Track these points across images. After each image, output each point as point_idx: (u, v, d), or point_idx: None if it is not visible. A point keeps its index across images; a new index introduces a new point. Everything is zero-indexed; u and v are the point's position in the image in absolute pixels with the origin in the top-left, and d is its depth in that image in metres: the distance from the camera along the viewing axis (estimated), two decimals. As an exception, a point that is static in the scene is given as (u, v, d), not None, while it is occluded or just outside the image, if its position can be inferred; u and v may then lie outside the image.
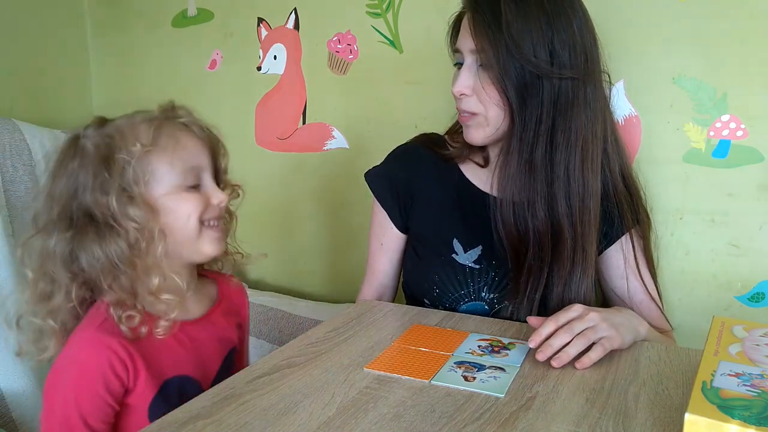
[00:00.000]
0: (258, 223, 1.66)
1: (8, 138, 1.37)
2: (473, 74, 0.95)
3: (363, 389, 0.73)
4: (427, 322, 0.95)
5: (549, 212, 0.95)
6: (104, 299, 0.79)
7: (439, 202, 1.07)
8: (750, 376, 0.58)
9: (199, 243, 0.83)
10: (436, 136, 1.13)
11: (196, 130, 0.85)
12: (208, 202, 0.83)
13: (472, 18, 0.93)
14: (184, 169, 0.81)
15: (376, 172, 1.13)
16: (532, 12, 0.90)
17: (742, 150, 1.11)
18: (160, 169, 0.80)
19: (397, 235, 1.12)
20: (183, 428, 0.64)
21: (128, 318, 0.77)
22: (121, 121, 0.83)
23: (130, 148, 0.78)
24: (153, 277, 0.79)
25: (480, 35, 0.91)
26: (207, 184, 0.84)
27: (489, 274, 1.03)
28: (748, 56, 1.09)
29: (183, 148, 0.82)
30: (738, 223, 1.14)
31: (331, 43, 1.47)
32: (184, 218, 0.81)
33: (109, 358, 0.76)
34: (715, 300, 1.17)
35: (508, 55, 0.90)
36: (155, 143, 0.80)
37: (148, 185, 0.79)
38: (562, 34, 0.91)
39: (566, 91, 0.92)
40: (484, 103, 0.95)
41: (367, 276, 1.16)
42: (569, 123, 0.93)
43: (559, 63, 0.91)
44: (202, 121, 0.88)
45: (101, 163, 0.78)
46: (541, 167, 0.94)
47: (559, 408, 0.69)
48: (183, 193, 0.81)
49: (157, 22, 1.70)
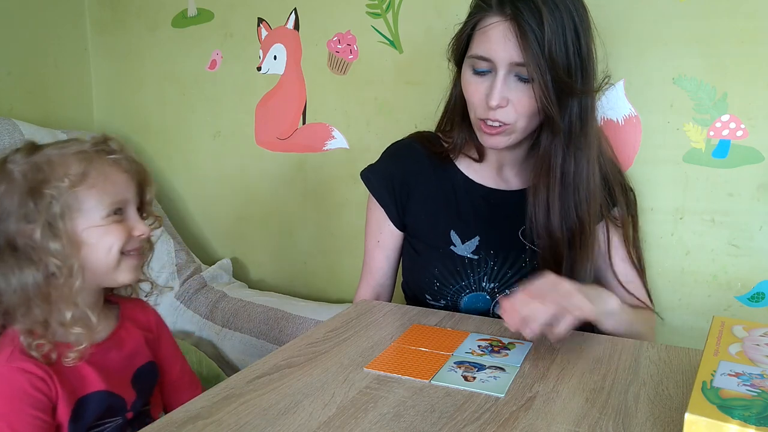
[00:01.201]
0: (258, 223, 1.66)
1: (8, 138, 1.37)
2: (509, 85, 0.93)
3: (363, 389, 0.73)
4: (427, 322, 0.95)
5: (577, 214, 0.98)
6: (14, 327, 0.80)
7: (434, 196, 1.08)
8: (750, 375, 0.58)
9: (116, 272, 0.85)
10: (429, 134, 1.14)
11: (124, 165, 0.86)
12: (130, 234, 0.85)
13: (518, 30, 0.89)
14: (110, 203, 0.82)
15: (371, 169, 1.13)
16: (565, 18, 0.90)
17: (742, 150, 1.11)
18: (87, 204, 0.81)
19: (394, 233, 1.12)
20: (183, 428, 0.64)
21: (38, 346, 0.78)
22: (53, 152, 0.83)
23: (58, 184, 0.79)
24: (66, 310, 0.79)
25: (527, 49, 0.89)
26: (131, 216, 0.86)
27: (488, 263, 1.04)
28: (748, 56, 1.09)
29: (111, 184, 0.83)
30: (738, 223, 1.14)
31: (331, 43, 1.47)
32: (105, 250, 0.82)
33: (28, 379, 0.77)
34: (715, 300, 1.17)
35: (553, 71, 0.89)
36: (84, 179, 0.80)
37: (73, 219, 0.80)
38: (586, 39, 0.93)
39: (589, 102, 0.95)
40: (518, 114, 0.94)
41: (364, 275, 1.16)
42: (588, 129, 0.96)
43: (585, 71, 0.93)
44: (131, 155, 0.89)
45: (28, 193, 0.79)
46: (570, 174, 0.96)
47: (559, 408, 0.69)
48: (106, 226, 0.82)
49: (157, 22, 1.70)
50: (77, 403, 0.81)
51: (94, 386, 0.83)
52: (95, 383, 0.83)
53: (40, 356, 0.78)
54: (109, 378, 0.85)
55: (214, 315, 1.46)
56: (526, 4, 0.89)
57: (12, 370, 0.77)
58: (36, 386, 0.77)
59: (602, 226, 1.05)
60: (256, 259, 1.70)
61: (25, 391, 0.77)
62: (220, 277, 1.60)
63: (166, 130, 1.75)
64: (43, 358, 0.79)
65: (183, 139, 1.73)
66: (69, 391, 0.80)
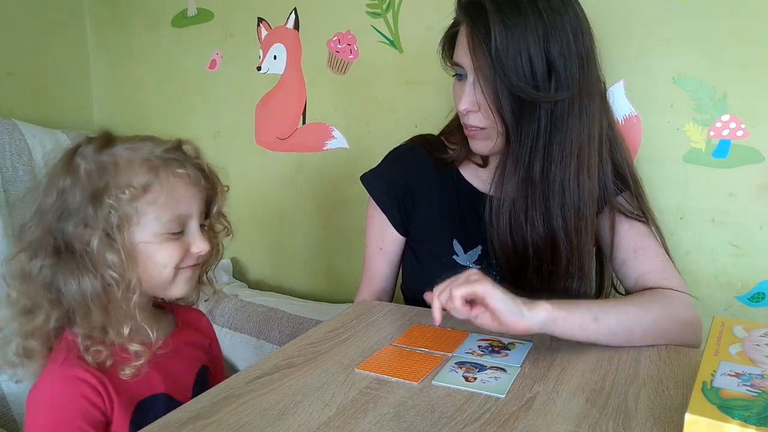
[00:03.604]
0: (258, 223, 1.66)
1: (8, 138, 1.37)
2: (477, 90, 0.92)
3: (363, 389, 0.73)
4: (427, 322, 0.95)
5: (546, 226, 0.94)
6: (72, 331, 0.79)
7: (438, 204, 1.07)
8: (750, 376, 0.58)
9: (171, 287, 0.83)
10: (432, 138, 1.12)
11: (193, 177, 0.82)
12: (188, 250, 0.82)
13: (470, 35, 0.90)
14: (171, 218, 0.80)
15: (373, 174, 1.11)
16: (528, 24, 0.86)
17: (742, 150, 1.11)
18: (146, 218, 0.79)
19: (397, 239, 1.11)
20: (183, 428, 0.64)
21: (96, 352, 0.77)
22: (123, 152, 0.80)
23: (119, 194, 0.77)
24: (124, 323, 0.77)
25: (478, 54, 0.89)
26: (192, 231, 0.83)
27: (490, 273, 1.03)
28: (748, 56, 1.09)
29: (174, 199, 0.80)
30: (738, 223, 1.14)
31: (331, 43, 1.47)
32: (160, 266, 0.80)
33: (81, 390, 0.75)
34: (715, 300, 1.17)
35: (504, 76, 0.87)
36: (146, 192, 0.78)
37: (131, 232, 0.78)
38: (559, 44, 0.88)
39: (562, 106, 0.90)
40: (490, 117, 0.93)
41: (365, 281, 1.14)
42: (564, 135, 0.91)
43: (556, 77, 0.88)
44: (203, 165, 0.86)
45: (90, 196, 0.77)
46: (537, 182, 0.93)
47: (560, 408, 0.69)
48: (164, 242, 0.80)
49: (157, 22, 1.70)
50: (137, 407, 0.79)
51: (155, 389, 0.81)
52: (156, 386, 0.82)
53: (94, 363, 0.76)
54: (169, 381, 0.83)
55: (214, 315, 1.46)
56: (476, 11, 0.88)
57: (65, 378, 0.76)
58: (88, 398, 0.75)
59: (606, 217, 1.00)
60: (256, 259, 1.70)
61: (79, 404, 0.75)
62: (220, 277, 1.60)
63: (166, 130, 1.72)
64: (98, 365, 0.77)
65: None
66: (126, 396, 0.78)
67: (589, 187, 0.94)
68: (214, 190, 0.87)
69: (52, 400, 0.76)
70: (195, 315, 0.97)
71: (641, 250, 0.98)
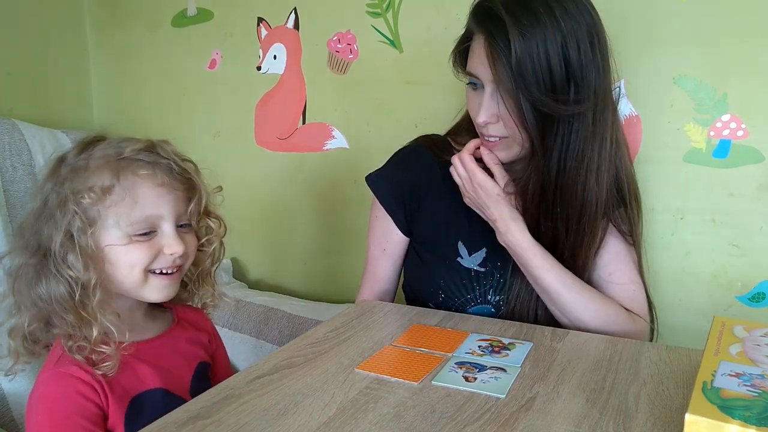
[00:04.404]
0: (258, 223, 1.66)
1: (8, 138, 1.37)
2: (496, 101, 0.91)
3: (363, 389, 0.73)
4: (427, 322, 0.95)
5: (553, 233, 0.96)
6: (54, 332, 0.80)
7: (444, 206, 1.06)
8: (750, 376, 0.58)
9: (143, 290, 0.82)
10: (438, 138, 1.11)
11: (160, 178, 0.81)
12: (160, 252, 0.81)
13: (488, 48, 0.88)
14: (136, 220, 0.79)
15: (378, 175, 1.10)
16: (547, 34, 0.85)
17: (742, 150, 1.11)
18: (108, 221, 0.78)
19: (401, 240, 1.10)
20: (183, 428, 0.64)
21: (79, 348, 0.77)
22: (97, 154, 0.80)
23: (80, 199, 0.77)
24: (92, 327, 0.77)
25: (498, 67, 0.87)
26: (165, 232, 0.81)
27: (494, 276, 1.03)
28: (748, 56, 1.09)
29: (138, 200, 0.79)
30: (738, 223, 1.14)
31: (331, 42, 1.47)
32: (126, 269, 0.80)
33: (75, 386, 0.76)
34: (715, 300, 1.17)
35: (526, 90, 0.86)
36: (108, 193, 0.78)
37: (96, 235, 0.78)
38: (577, 51, 0.86)
39: (579, 117, 0.90)
40: (512, 127, 0.92)
41: (367, 282, 1.13)
42: (581, 146, 0.91)
43: (575, 87, 0.87)
44: (177, 165, 0.84)
45: (60, 201, 0.78)
46: (550, 191, 0.94)
47: (560, 408, 0.69)
48: (129, 244, 0.79)
49: (157, 22, 1.70)
50: (131, 402, 0.79)
51: (150, 384, 0.82)
52: (150, 381, 0.82)
53: (83, 359, 0.77)
54: (165, 377, 0.83)
55: (214, 315, 1.45)
56: (494, 23, 0.87)
57: (59, 376, 0.76)
58: (83, 393, 0.76)
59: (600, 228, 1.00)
60: (255, 259, 1.70)
61: (74, 399, 0.76)
62: (220, 277, 1.60)
63: (165, 130, 1.75)
64: (87, 360, 0.77)
65: (183, 139, 1.71)
66: (120, 391, 0.79)
67: (598, 196, 0.95)
68: (192, 191, 0.85)
69: (47, 397, 0.77)
70: (195, 313, 0.97)
71: (616, 275, 1.00)
